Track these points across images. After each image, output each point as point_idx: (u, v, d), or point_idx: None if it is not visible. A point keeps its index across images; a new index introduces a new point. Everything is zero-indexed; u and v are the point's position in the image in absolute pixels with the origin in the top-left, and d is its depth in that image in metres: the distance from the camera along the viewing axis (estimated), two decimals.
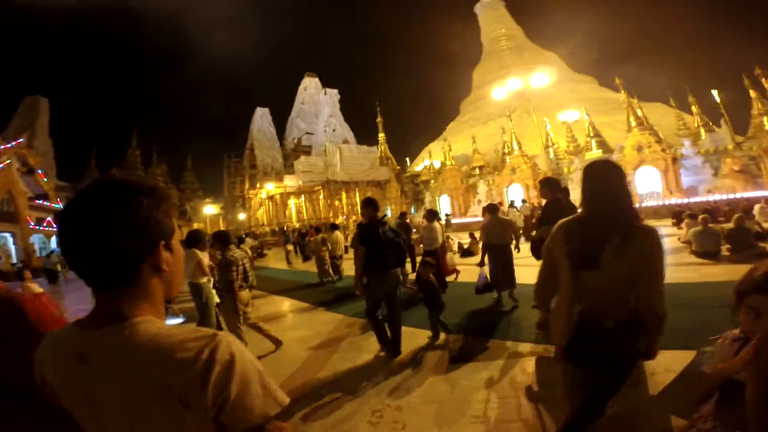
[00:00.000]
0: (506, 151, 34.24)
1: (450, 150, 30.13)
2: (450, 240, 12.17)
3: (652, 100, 47.17)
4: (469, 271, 7.96)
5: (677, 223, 11.91)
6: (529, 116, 51.79)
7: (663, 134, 24.63)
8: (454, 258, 8.33)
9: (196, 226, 52.81)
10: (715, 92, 25.87)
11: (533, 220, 14.87)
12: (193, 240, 5.01)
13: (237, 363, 0.66)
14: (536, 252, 4.37)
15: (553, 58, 67.44)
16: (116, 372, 0.66)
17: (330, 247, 9.47)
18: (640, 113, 21.86)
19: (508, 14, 74.77)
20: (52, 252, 24.70)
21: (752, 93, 23.60)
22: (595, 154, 29.08)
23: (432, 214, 7.34)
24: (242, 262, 4.45)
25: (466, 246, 11.42)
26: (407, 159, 46.72)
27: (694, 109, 29.03)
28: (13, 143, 23.12)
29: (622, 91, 22.66)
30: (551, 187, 4.37)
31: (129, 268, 0.69)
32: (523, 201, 18.23)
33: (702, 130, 27.42)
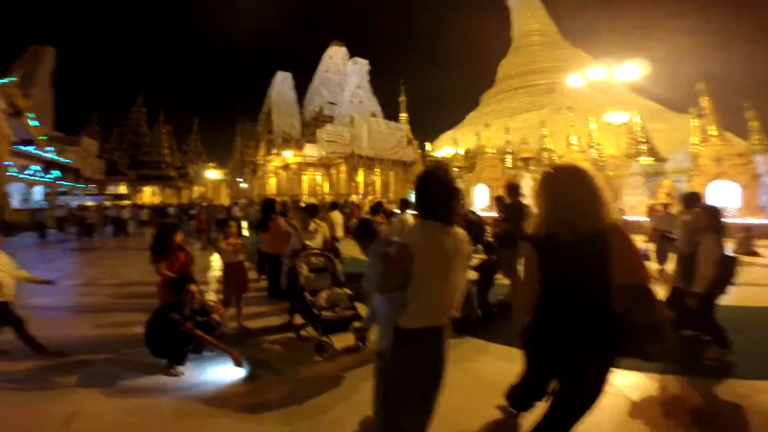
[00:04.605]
0: (545, 146, 32.27)
1: (479, 138, 28.02)
2: None
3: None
4: None
5: None
6: (560, 114, 49.78)
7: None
8: None
9: (196, 189, 50.26)
10: None
11: None
12: None
13: None
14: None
15: (587, 58, 64.50)
16: None
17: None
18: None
19: (543, 10, 71.02)
20: (43, 206, 22.16)
21: None
22: (647, 160, 27.25)
23: (405, 204, 6.22)
24: None
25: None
26: (426, 143, 44.26)
27: (754, 124, 26.69)
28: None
29: (705, 97, 20.47)
30: (513, 192, 5.33)
31: None
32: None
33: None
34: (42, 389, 2.99)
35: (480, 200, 25.51)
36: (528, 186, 23.94)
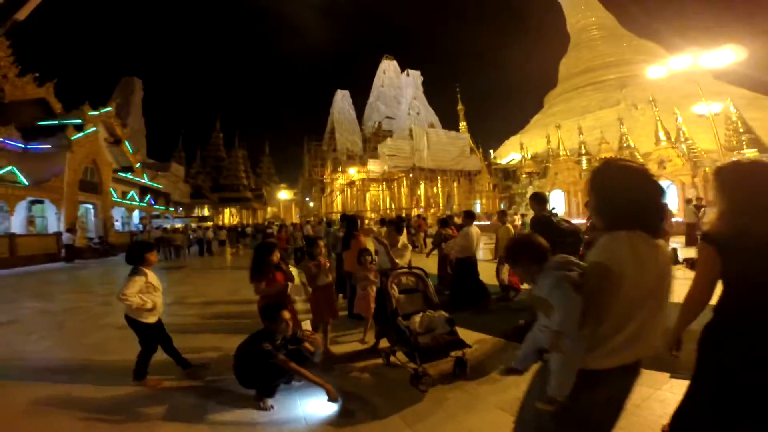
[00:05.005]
0: (625, 144, 29.25)
1: (549, 140, 25.99)
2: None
3: None
4: None
5: None
6: (638, 109, 45.16)
7: None
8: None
9: (270, 210, 53.48)
10: None
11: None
12: None
13: None
14: None
15: (655, 48, 58.35)
16: None
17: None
18: None
19: (597, 1, 66.25)
20: (139, 229, 24.75)
21: None
22: (752, 152, 23.82)
23: (469, 216, 6.44)
24: None
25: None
26: (491, 151, 42.63)
27: None
28: (100, 111, 22.27)
29: None
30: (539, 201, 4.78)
31: None
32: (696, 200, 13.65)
33: None
34: (129, 420, 2.84)
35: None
36: None
